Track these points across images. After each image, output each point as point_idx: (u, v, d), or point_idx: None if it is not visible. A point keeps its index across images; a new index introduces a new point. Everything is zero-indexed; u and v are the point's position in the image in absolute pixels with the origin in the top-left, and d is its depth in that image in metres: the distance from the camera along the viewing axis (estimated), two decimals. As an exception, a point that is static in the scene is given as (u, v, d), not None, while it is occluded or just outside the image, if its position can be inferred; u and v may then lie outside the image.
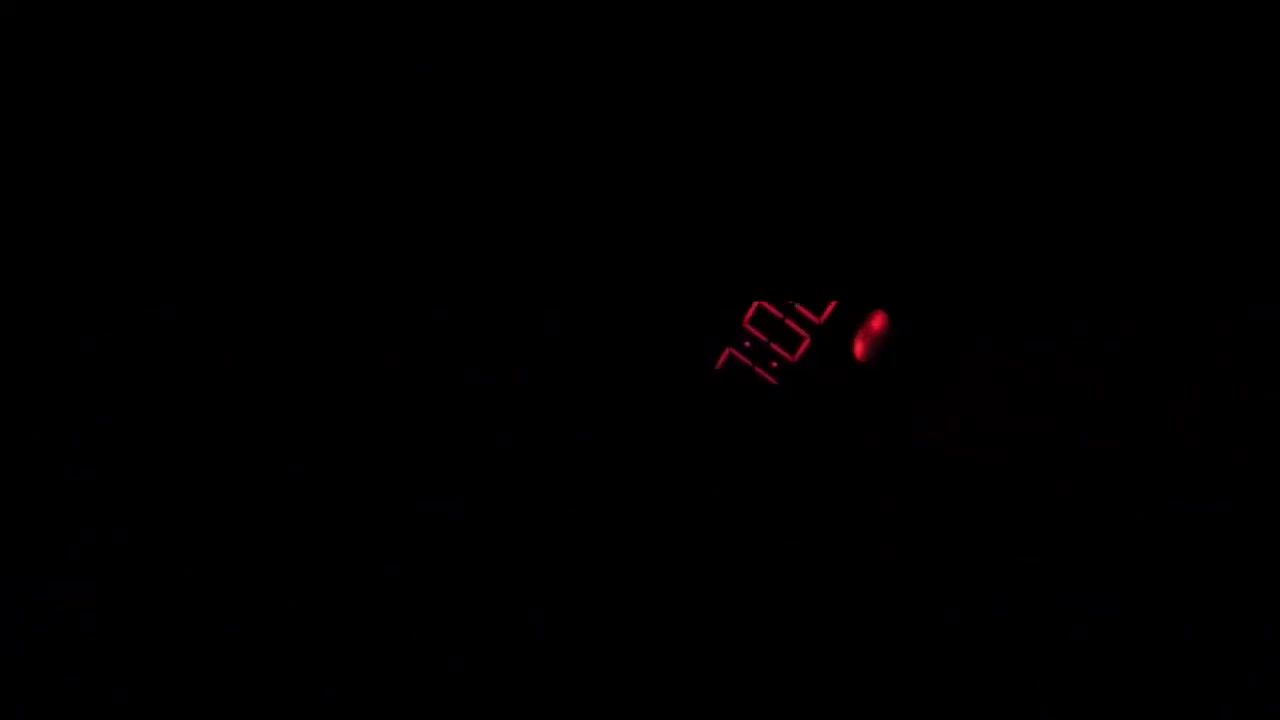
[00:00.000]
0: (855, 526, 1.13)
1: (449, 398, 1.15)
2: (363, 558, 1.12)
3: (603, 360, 1.15)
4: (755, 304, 1.11)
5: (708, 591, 1.11)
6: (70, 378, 1.14)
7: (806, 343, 1.10)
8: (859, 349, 1.09)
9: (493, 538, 1.12)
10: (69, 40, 1.13)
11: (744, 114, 1.12)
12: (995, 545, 1.11)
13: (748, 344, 1.12)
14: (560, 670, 1.08)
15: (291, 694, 1.06)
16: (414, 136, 1.16)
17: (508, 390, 1.15)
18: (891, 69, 1.09)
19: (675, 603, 1.11)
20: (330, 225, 1.18)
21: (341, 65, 1.15)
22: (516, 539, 1.12)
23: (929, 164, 1.10)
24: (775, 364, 1.11)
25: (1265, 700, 1.05)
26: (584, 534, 1.12)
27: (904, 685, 1.08)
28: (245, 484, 1.13)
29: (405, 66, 1.15)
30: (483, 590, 1.11)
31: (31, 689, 1.00)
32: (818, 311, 1.09)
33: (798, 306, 1.09)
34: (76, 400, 1.13)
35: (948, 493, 1.11)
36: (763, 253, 1.10)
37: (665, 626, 1.10)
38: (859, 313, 1.09)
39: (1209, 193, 1.08)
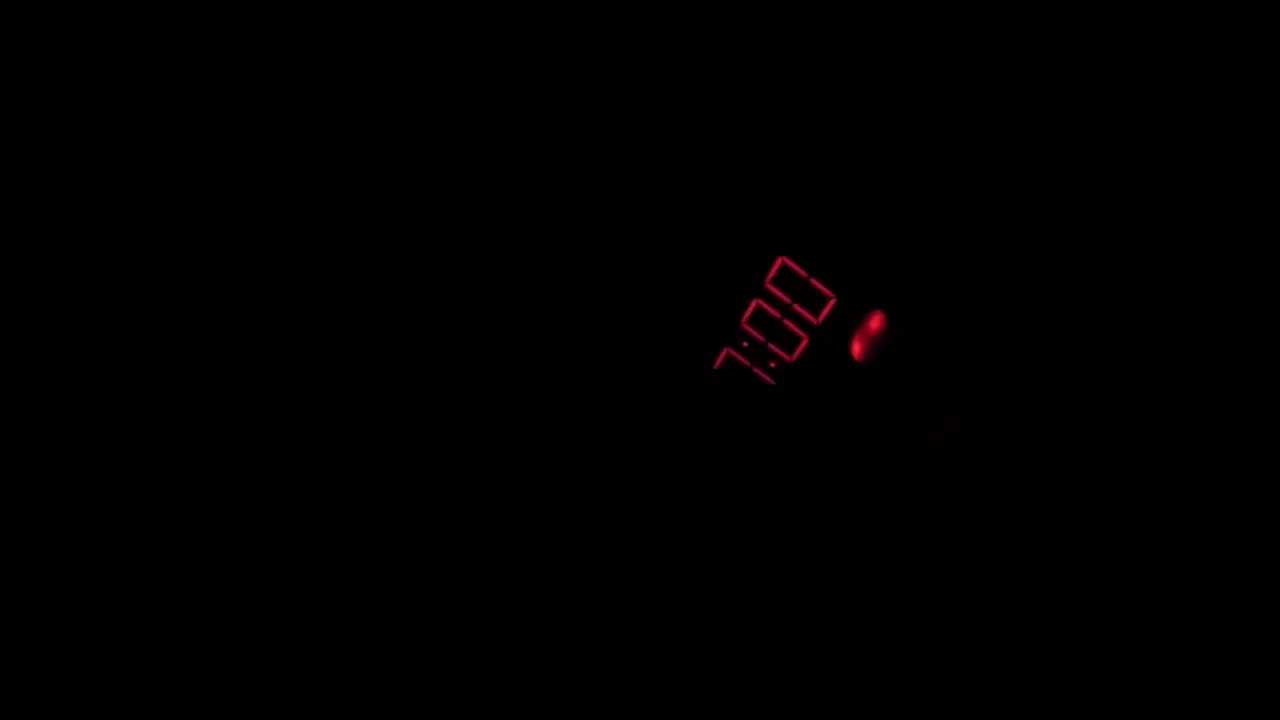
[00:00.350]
0: (854, 526, 1.13)
1: (447, 398, 1.15)
2: (363, 558, 1.12)
3: (602, 360, 1.15)
4: (754, 303, 1.10)
5: (707, 591, 1.11)
6: (71, 378, 1.15)
7: (805, 343, 1.10)
8: (857, 349, 1.09)
9: (492, 538, 1.12)
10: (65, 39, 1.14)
11: (741, 115, 1.12)
12: (995, 545, 1.11)
13: (746, 344, 1.12)
14: (560, 670, 1.08)
15: (291, 694, 1.06)
16: (412, 136, 1.16)
17: (507, 391, 1.15)
18: (890, 66, 1.09)
19: (675, 602, 1.11)
20: (330, 226, 1.18)
21: (341, 64, 1.15)
22: (516, 539, 1.12)
23: (927, 164, 1.09)
24: (773, 364, 1.11)
25: (1266, 700, 1.05)
26: (583, 534, 1.12)
27: (905, 685, 1.08)
28: (245, 484, 1.13)
29: (405, 67, 1.15)
30: (482, 590, 1.11)
31: (31, 689, 1.01)
32: (815, 312, 1.09)
33: (795, 306, 1.09)
34: (77, 400, 1.14)
35: (946, 493, 1.11)
36: (760, 253, 1.10)
37: (665, 626, 1.10)
38: (857, 313, 1.09)
39: (1208, 192, 1.07)
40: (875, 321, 1.09)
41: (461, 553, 1.12)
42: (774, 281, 1.09)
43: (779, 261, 1.09)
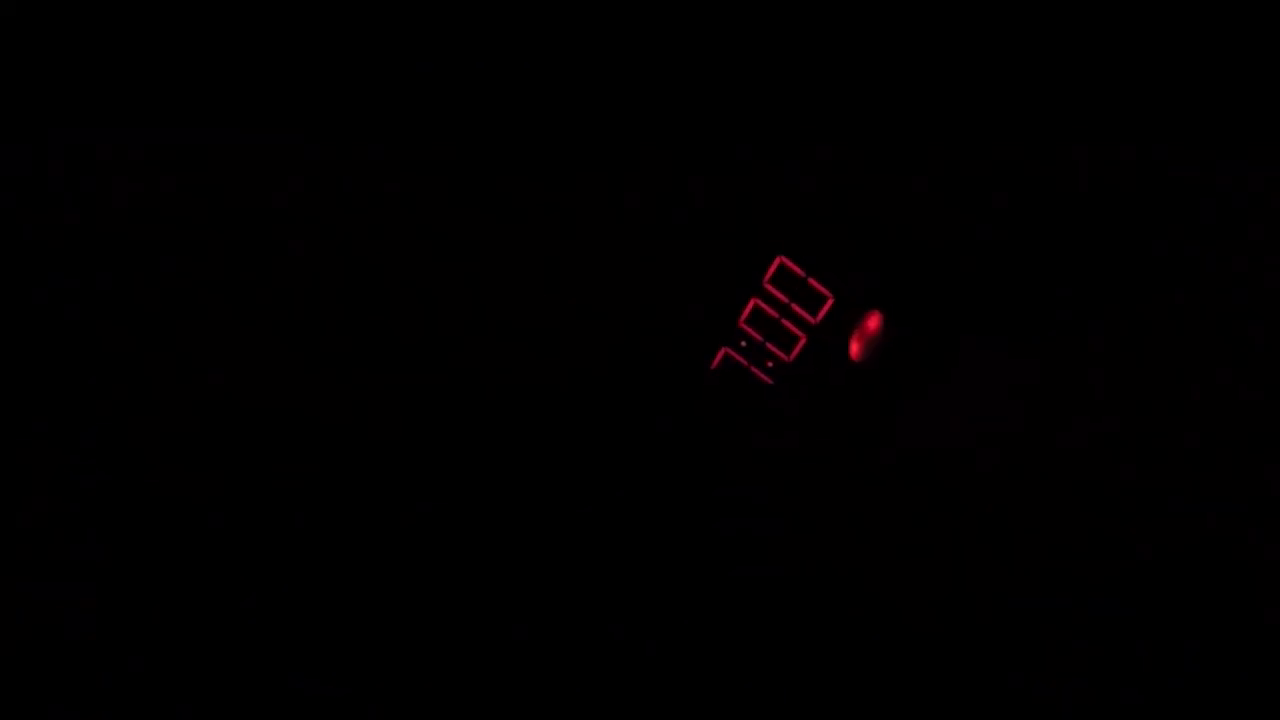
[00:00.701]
0: (852, 526, 1.12)
1: (444, 397, 1.15)
2: (363, 558, 1.12)
3: (600, 360, 1.15)
4: (752, 303, 1.10)
5: (704, 592, 1.11)
6: (71, 377, 1.15)
7: (803, 342, 1.09)
8: (854, 349, 1.09)
9: (487, 539, 1.12)
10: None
11: (738, 113, 1.12)
12: (995, 546, 1.10)
13: (744, 344, 1.12)
14: (560, 670, 1.08)
15: (292, 695, 1.06)
16: (410, 135, 1.16)
17: (505, 390, 1.15)
18: (885, 60, 1.09)
19: (672, 604, 1.11)
20: (328, 226, 1.18)
21: (341, 67, 1.15)
22: (509, 540, 1.12)
23: (924, 163, 1.09)
24: (771, 364, 1.11)
25: (1266, 701, 1.04)
26: (579, 535, 1.12)
27: (904, 685, 1.08)
28: (246, 484, 1.13)
29: (406, 67, 1.15)
30: (482, 591, 1.11)
31: (32, 689, 1.01)
32: (813, 311, 1.08)
33: (794, 306, 1.09)
34: (77, 400, 1.14)
35: (944, 492, 1.11)
36: (759, 252, 1.10)
37: (662, 629, 1.10)
38: (854, 313, 1.09)
39: (1208, 190, 1.07)
40: (873, 321, 1.09)
41: (461, 553, 1.12)
42: (772, 281, 1.09)
43: (777, 261, 1.08)
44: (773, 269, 1.09)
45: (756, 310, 1.10)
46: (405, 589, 1.11)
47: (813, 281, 1.08)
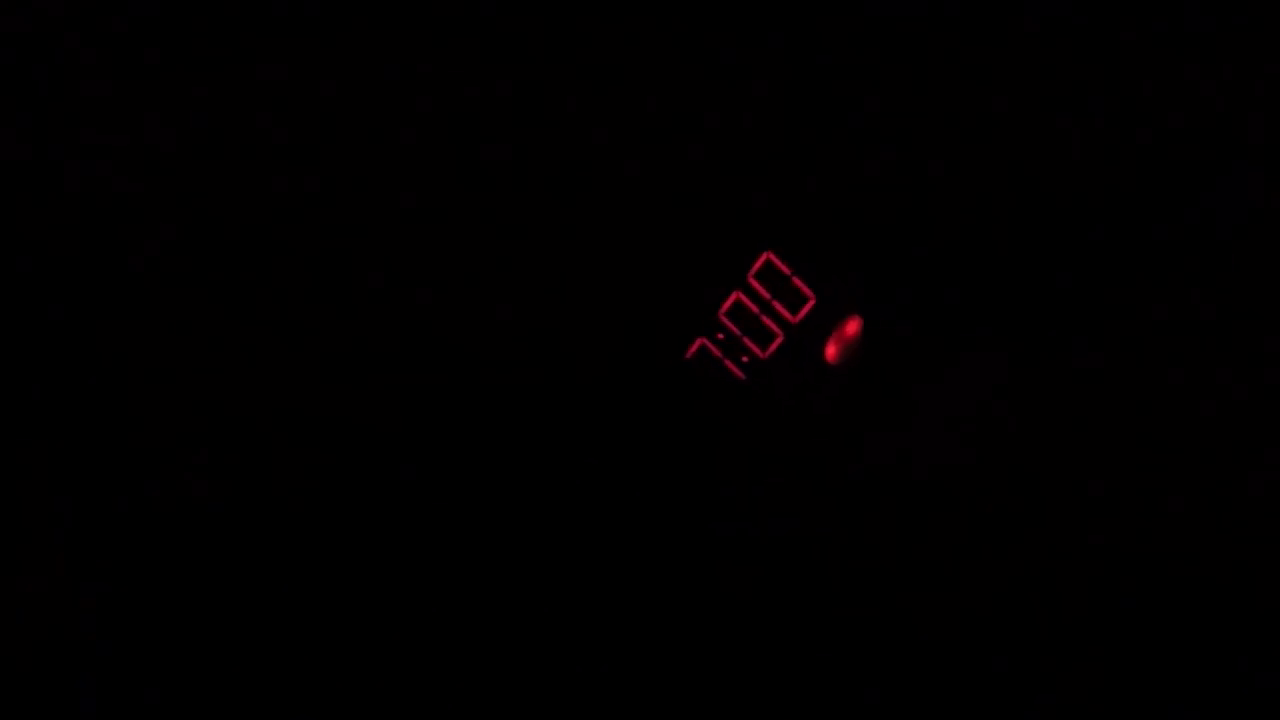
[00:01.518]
0: (843, 528, 1.12)
1: (427, 399, 1.15)
2: (362, 558, 1.13)
3: (576, 345, 1.14)
4: (734, 296, 1.09)
5: (690, 594, 1.11)
6: (71, 376, 1.17)
7: (779, 340, 1.08)
8: (831, 352, 1.08)
9: (475, 537, 1.13)
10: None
11: (731, 112, 1.09)
12: (985, 549, 1.09)
13: (721, 336, 1.10)
14: (550, 672, 1.10)
15: (292, 695, 1.09)
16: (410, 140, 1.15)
17: (484, 389, 1.14)
18: (884, 61, 1.05)
19: (660, 606, 1.11)
20: (329, 225, 1.18)
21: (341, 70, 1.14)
22: (495, 539, 1.13)
23: (923, 168, 1.06)
24: (746, 359, 1.10)
25: (1265, 701, 1.04)
26: (562, 534, 1.13)
27: (902, 689, 1.08)
28: (246, 484, 1.14)
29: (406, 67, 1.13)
30: (468, 593, 1.12)
31: (32, 689, 1.05)
32: (794, 310, 1.07)
33: (775, 303, 1.08)
34: (77, 399, 1.16)
35: (934, 497, 1.10)
36: (746, 246, 1.08)
37: (656, 629, 1.11)
38: (835, 314, 1.07)
39: (1205, 191, 1.03)
40: (852, 326, 1.07)
41: (454, 554, 1.13)
42: (757, 276, 1.08)
43: (764, 256, 1.07)
44: (759, 264, 1.07)
45: (738, 304, 1.09)
46: (402, 590, 1.12)
47: (796, 280, 1.07)
